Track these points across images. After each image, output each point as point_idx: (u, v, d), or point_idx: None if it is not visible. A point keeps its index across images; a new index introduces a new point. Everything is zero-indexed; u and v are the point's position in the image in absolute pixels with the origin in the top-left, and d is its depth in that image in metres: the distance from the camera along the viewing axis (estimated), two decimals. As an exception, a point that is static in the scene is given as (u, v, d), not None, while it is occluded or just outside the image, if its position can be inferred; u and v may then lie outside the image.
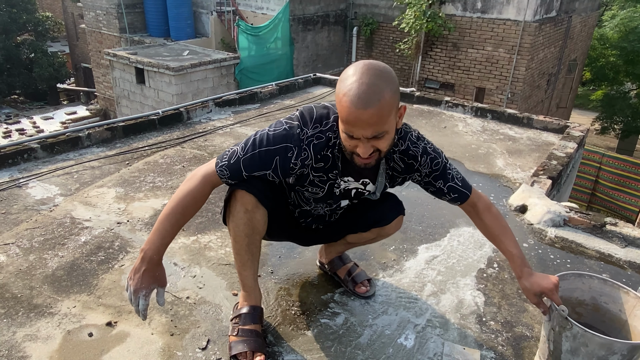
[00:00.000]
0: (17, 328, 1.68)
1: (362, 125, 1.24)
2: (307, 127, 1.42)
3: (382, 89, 1.22)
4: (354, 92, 1.21)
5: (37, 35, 17.05)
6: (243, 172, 1.42)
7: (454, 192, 1.58)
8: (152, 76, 9.10)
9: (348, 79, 1.25)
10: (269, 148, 1.40)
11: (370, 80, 1.23)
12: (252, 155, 1.41)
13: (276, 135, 1.41)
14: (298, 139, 1.40)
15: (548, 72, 11.96)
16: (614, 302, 1.56)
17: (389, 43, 12.01)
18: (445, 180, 1.56)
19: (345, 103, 1.23)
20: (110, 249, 2.15)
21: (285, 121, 1.44)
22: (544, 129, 4.02)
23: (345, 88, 1.24)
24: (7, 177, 2.77)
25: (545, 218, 2.49)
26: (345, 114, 1.24)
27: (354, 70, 1.25)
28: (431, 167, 1.53)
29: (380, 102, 1.22)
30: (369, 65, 1.25)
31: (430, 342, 1.70)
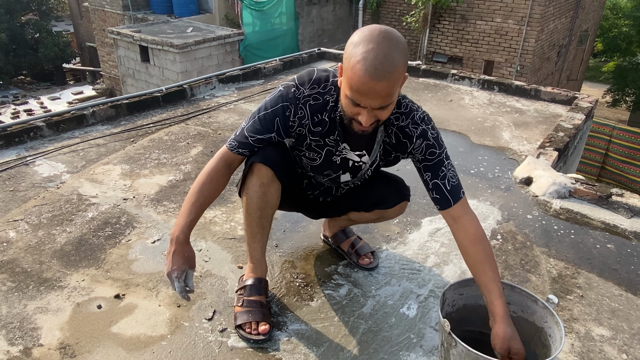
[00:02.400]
0: (28, 301, 1.72)
1: (373, 96, 1.21)
2: (304, 86, 1.41)
3: (397, 60, 1.17)
4: (370, 62, 1.16)
5: (41, 15, 16.94)
6: (249, 139, 1.45)
7: (437, 192, 1.44)
8: (157, 54, 9.04)
9: (362, 45, 1.18)
10: (267, 111, 1.43)
11: (387, 50, 1.17)
12: (253, 122, 1.44)
13: (273, 98, 1.43)
14: (294, 97, 1.41)
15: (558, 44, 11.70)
16: (522, 311, 1.42)
17: (396, 16, 11.79)
18: (434, 176, 1.45)
19: (359, 71, 1.17)
20: (117, 225, 2.18)
21: (283, 84, 1.45)
22: (552, 101, 3.96)
23: (360, 55, 1.17)
24: (14, 155, 2.80)
25: (551, 190, 2.47)
26: (357, 82, 1.19)
27: (369, 35, 1.19)
28: (425, 154, 1.45)
29: (394, 74, 1.18)
30: (385, 33, 1.19)
31: (432, 311, 1.72)
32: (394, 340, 1.59)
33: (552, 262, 2.02)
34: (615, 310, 1.76)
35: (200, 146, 3.02)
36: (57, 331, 1.60)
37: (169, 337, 1.58)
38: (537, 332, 1.40)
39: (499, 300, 1.30)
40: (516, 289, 1.43)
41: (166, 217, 2.26)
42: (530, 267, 1.98)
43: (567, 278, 1.92)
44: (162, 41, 8.72)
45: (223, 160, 1.49)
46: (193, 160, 2.84)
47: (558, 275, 1.94)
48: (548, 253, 2.08)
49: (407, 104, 1.46)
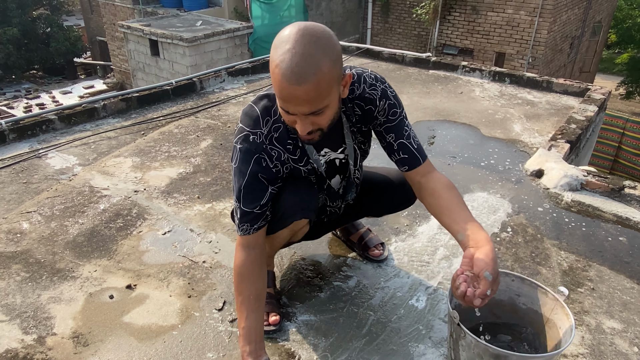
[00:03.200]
0: (42, 291, 1.75)
1: (298, 102, 1.10)
2: (258, 127, 1.30)
3: (319, 60, 1.06)
4: (286, 65, 1.05)
5: (52, 9, 17.06)
6: (255, 211, 1.33)
7: (405, 152, 1.37)
8: (166, 48, 9.07)
9: (280, 47, 1.07)
10: (247, 176, 1.31)
11: (305, 49, 1.05)
12: (244, 195, 1.32)
13: (241, 161, 1.30)
14: (256, 144, 1.29)
15: (571, 35, 11.53)
16: (532, 303, 1.40)
17: (406, 8, 11.69)
18: (398, 136, 1.37)
19: (277, 76, 1.07)
20: (129, 216, 2.21)
21: (236, 141, 1.33)
22: (564, 93, 3.91)
23: (277, 58, 1.07)
24: (27, 148, 2.84)
25: (562, 182, 2.45)
26: (278, 88, 1.09)
27: (287, 35, 1.08)
28: (387, 115, 1.37)
29: (316, 75, 1.06)
30: (304, 30, 1.07)
31: (441, 303, 1.72)
32: (403, 331, 1.59)
33: (562, 255, 2.00)
34: (626, 303, 1.75)
35: (210, 139, 3.04)
36: (70, 320, 1.62)
37: (179, 327, 1.60)
38: (547, 324, 1.39)
39: (483, 230, 1.22)
40: (526, 280, 1.42)
41: (176, 209, 2.27)
42: (541, 259, 1.97)
43: (578, 271, 1.91)
44: (172, 35, 8.74)
45: (245, 248, 1.35)
46: (203, 152, 2.85)
47: (569, 267, 1.93)
48: (559, 246, 2.06)
49: (352, 71, 1.34)
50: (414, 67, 4.67)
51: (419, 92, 3.99)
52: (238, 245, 1.37)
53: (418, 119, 3.40)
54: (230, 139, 3.02)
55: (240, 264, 1.35)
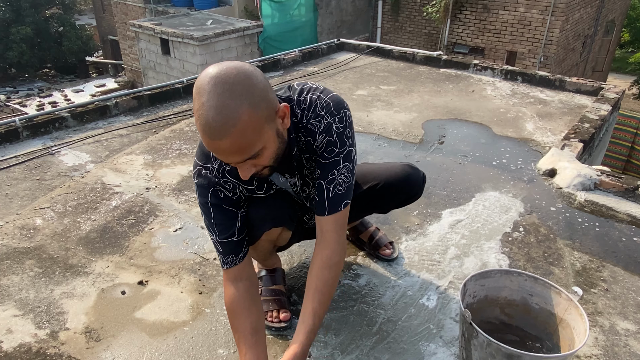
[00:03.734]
0: (55, 286, 1.77)
1: (227, 154, 1.04)
2: (210, 161, 1.26)
3: (235, 109, 0.98)
4: (203, 120, 0.98)
5: (65, 9, 17.24)
6: (228, 241, 1.30)
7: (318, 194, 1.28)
8: (177, 46, 9.12)
9: (197, 99, 1.00)
10: (210, 209, 1.29)
11: (219, 101, 0.97)
12: (214, 229, 1.30)
13: (200, 196, 1.30)
14: (210, 178, 1.27)
15: (584, 34, 11.40)
16: (545, 303, 1.40)
17: (416, 7, 11.63)
18: (322, 176, 1.27)
19: (199, 131, 1.01)
20: (140, 213, 2.22)
21: (192, 176, 1.33)
22: (577, 92, 3.86)
23: (196, 112, 1.00)
24: (40, 145, 2.87)
25: (575, 182, 2.42)
26: (205, 144, 1.03)
27: (202, 85, 0.99)
28: (324, 151, 1.25)
29: (236, 126, 0.98)
30: (216, 78, 0.98)
31: (452, 302, 1.71)
32: (414, 330, 1.59)
33: (576, 255, 1.98)
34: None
35: (221, 137, 3.04)
36: (82, 316, 1.64)
37: (191, 323, 1.61)
38: (560, 324, 1.38)
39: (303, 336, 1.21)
40: (539, 280, 1.41)
41: (187, 207, 2.29)
42: (554, 259, 1.95)
43: (591, 271, 1.89)
44: (183, 34, 8.79)
45: (233, 282, 1.31)
46: (213, 150, 2.86)
47: (582, 268, 1.90)
48: (572, 246, 2.04)
49: (307, 96, 1.24)
50: (425, 65, 4.64)
51: (430, 91, 3.96)
52: (226, 281, 1.32)
53: (429, 117, 3.38)
54: (240, 137, 3.03)
55: (231, 300, 1.29)
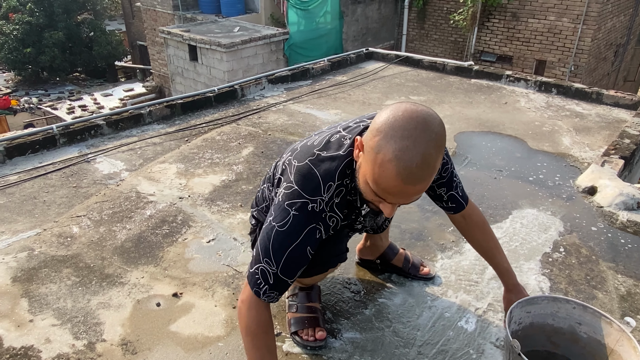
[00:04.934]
0: (91, 296, 1.79)
1: (404, 198, 1.06)
2: (320, 193, 1.19)
3: (435, 159, 1.01)
4: (404, 166, 0.98)
5: (96, 14, 17.70)
6: (289, 281, 1.24)
7: (453, 202, 1.49)
8: (205, 53, 9.25)
9: (394, 139, 0.99)
10: (296, 244, 1.19)
11: (425, 149, 0.99)
12: (285, 264, 1.21)
13: (292, 227, 1.19)
14: (316, 213, 1.19)
15: (616, 43, 11.12)
16: (595, 332, 1.35)
17: (443, 14, 11.54)
18: (449, 188, 1.46)
19: (390, 173, 1.00)
20: (174, 223, 2.23)
21: (289, 204, 1.19)
22: (615, 105, 3.75)
23: (391, 153, 0.99)
24: (76, 152, 2.92)
25: (617, 201, 2.34)
26: (386, 182, 1.02)
27: (402, 126, 1.00)
28: (440, 173, 1.41)
29: (432, 175, 1.03)
30: (423, 124, 1.00)
31: (492, 326, 1.66)
32: (453, 354, 1.54)
33: (620, 279, 1.90)
34: (693, 334, 1.64)
35: (251, 146, 3.05)
36: (118, 327, 1.65)
37: (225, 338, 1.60)
38: (610, 355, 1.32)
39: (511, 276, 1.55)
40: (589, 308, 1.35)
41: (220, 217, 2.29)
42: (597, 283, 1.88)
43: (637, 296, 1.81)
44: (210, 40, 8.91)
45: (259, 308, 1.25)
46: (244, 160, 2.87)
47: (627, 293, 1.83)
48: (615, 269, 1.96)
49: None
50: (455, 75, 4.58)
51: (461, 102, 3.91)
52: (254, 305, 1.25)
53: (461, 129, 3.32)
54: (271, 147, 3.03)
55: (257, 322, 1.25)
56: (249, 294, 1.26)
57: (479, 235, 1.55)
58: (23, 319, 1.68)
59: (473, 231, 1.56)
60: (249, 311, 1.26)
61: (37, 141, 2.86)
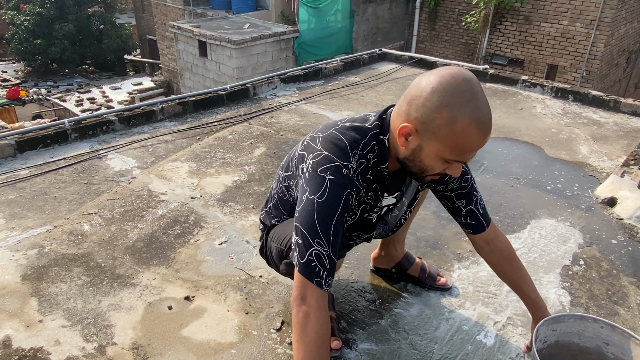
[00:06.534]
0: (102, 297, 1.76)
1: (476, 150, 1.12)
2: (351, 159, 1.18)
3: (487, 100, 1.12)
4: (483, 122, 1.07)
5: (106, 7, 17.71)
6: (336, 260, 1.17)
7: (472, 218, 1.41)
8: (214, 49, 9.21)
9: (465, 104, 1.05)
10: (338, 215, 1.14)
11: (485, 98, 1.09)
12: (334, 240, 1.14)
13: (332, 194, 1.13)
14: (349, 178, 1.17)
15: (628, 50, 11.01)
16: (622, 354, 1.30)
17: (454, 16, 11.46)
18: (468, 202, 1.40)
19: (473, 134, 1.06)
20: (186, 223, 2.20)
21: (322, 170, 1.15)
22: (633, 114, 3.68)
23: (468, 117, 1.05)
24: (87, 148, 2.90)
25: (638, 213, 2.28)
26: (470, 144, 1.08)
27: (461, 89, 1.06)
28: (460, 182, 1.38)
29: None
30: (469, 79, 1.08)
31: (511, 341, 1.62)
32: (472, 369, 1.50)
33: (642, 295, 1.85)
34: None
35: (264, 147, 3.02)
36: (129, 330, 1.62)
37: (238, 345, 1.57)
38: (639, 378, 1.28)
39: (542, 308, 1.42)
40: (617, 329, 1.31)
41: (232, 219, 2.25)
42: (618, 298, 1.83)
43: (660, 314, 1.76)
44: (220, 37, 8.87)
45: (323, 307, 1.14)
46: (257, 160, 2.83)
47: (650, 310, 1.78)
48: (637, 284, 1.91)
49: None
50: (469, 79, 4.52)
51: (476, 107, 3.85)
52: (321, 305, 1.13)
53: (476, 135, 3.27)
54: (283, 148, 2.99)
55: (325, 328, 1.13)
56: (313, 290, 1.12)
57: (505, 266, 1.45)
58: (32, 319, 1.65)
59: (498, 261, 1.45)
60: (318, 312, 1.12)
61: (49, 135, 2.84)
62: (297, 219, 1.16)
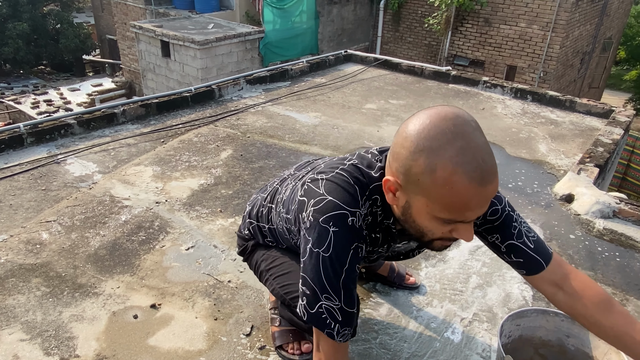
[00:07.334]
0: (63, 308, 1.69)
1: (484, 204, 0.90)
2: (358, 206, 1.03)
3: (488, 144, 0.90)
4: (473, 166, 0.85)
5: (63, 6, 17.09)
6: (354, 311, 1.07)
7: (518, 255, 1.14)
8: (178, 50, 9.04)
9: (445, 146, 0.86)
10: (347, 269, 1.02)
11: (478, 137, 0.88)
12: (346, 294, 1.03)
13: (338, 249, 1.01)
14: (357, 231, 1.03)
15: (582, 51, 11.49)
16: (582, 345, 1.34)
17: (417, 17, 11.66)
18: (505, 236, 1.14)
19: (462, 184, 0.86)
20: (151, 229, 2.15)
21: (324, 220, 1.01)
22: (588, 113, 3.85)
23: (451, 163, 0.85)
24: (44, 152, 2.78)
25: (594, 209, 2.39)
26: (462, 199, 0.87)
27: (442, 131, 0.87)
28: (485, 216, 1.14)
29: (496, 165, 0.90)
30: (456, 118, 0.88)
31: (477, 337, 1.66)
32: (441, 366, 1.53)
33: (599, 287, 1.93)
34: (670, 342, 1.68)
35: (230, 149, 2.98)
36: (93, 341, 1.56)
37: (207, 352, 1.54)
38: (598, 368, 1.33)
39: None
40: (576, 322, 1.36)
41: (199, 223, 2.21)
42: (577, 291, 1.91)
43: (616, 305, 1.84)
44: (184, 37, 8.71)
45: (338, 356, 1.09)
46: (223, 163, 2.79)
47: (606, 301, 1.86)
48: (594, 277, 2.00)
49: None
50: (433, 80, 4.61)
51: (440, 107, 3.93)
52: (333, 351, 1.07)
53: (440, 135, 3.34)
54: (251, 150, 2.97)
55: None
56: (325, 341, 1.06)
57: (599, 316, 1.08)
58: (-12, 333, 1.57)
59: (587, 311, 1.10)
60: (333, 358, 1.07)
61: (3, 140, 2.71)
62: (303, 270, 1.05)
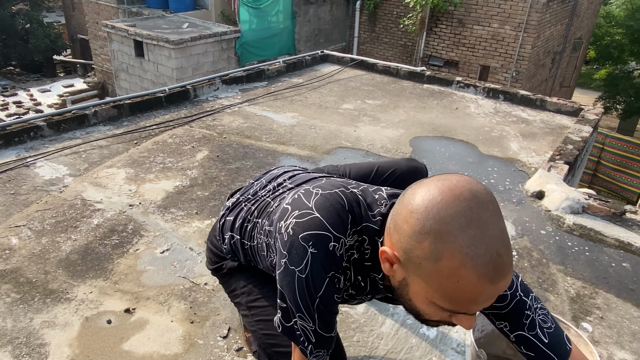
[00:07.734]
0: (34, 314, 1.65)
1: (492, 299, 0.78)
2: (344, 234, 0.91)
3: (506, 230, 0.77)
4: (485, 261, 0.73)
5: (32, 5, 16.63)
6: (331, 335, 0.98)
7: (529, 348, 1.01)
8: (152, 49, 8.91)
9: (456, 233, 0.73)
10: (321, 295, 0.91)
11: (495, 226, 0.75)
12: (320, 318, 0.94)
13: (314, 274, 0.90)
14: (337, 260, 0.91)
15: (553, 51, 11.78)
16: None
17: (393, 18, 11.77)
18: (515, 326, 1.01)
19: (471, 279, 0.73)
20: (124, 232, 2.11)
21: (304, 238, 0.90)
22: (558, 112, 3.95)
23: (460, 254, 0.73)
24: (14, 156, 2.71)
25: (564, 205, 2.45)
26: (470, 295, 0.76)
27: (453, 210, 0.74)
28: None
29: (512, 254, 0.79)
30: (473, 198, 0.75)
31: (452, 332, 1.68)
32: (417, 362, 1.55)
33: (569, 281, 1.99)
34: (635, 333, 1.74)
35: (206, 150, 2.95)
36: (66, 348, 1.53)
37: (183, 356, 1.52)
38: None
39: None
40: None
41: (174, 225, 2.19)
42: (548, 285, 1.96)
43: (585, 298, 1.90)
44: (158, 36, 8.58)
45: None
46: (199, 165, 2.77)
47: (576, 295, 1.92)
48: (564, 271, 2.05)
49: None
50: (409, 80, 4.66)
51: (415, 107, 3.98)
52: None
53: (416, 134, 3.38)
54: (227, 151, 2.95)
55: None
56: (299, 355, 1.00)
57: None
58: (-46, 343, 1.52)
59: None
60: None
61: (-32, 143, 2.62)
62: (279, 282, 0.96)
